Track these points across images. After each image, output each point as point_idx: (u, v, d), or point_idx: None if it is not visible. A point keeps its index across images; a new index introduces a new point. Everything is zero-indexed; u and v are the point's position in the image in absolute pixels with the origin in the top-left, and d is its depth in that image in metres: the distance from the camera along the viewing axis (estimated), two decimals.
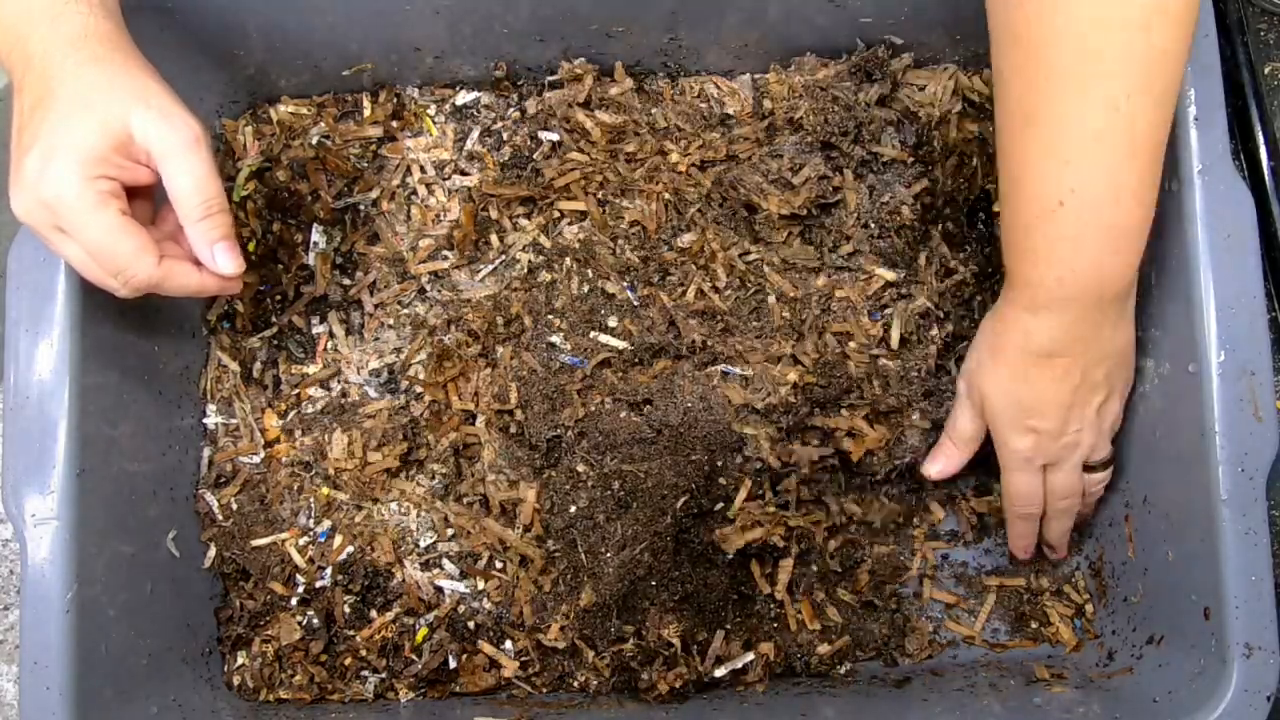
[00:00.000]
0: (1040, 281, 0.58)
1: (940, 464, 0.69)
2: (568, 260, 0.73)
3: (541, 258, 0.74)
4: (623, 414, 0.69)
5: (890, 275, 0.70)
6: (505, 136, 0.76)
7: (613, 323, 0.71)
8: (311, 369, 0.74)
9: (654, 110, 0.75)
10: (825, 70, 0.73)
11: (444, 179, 0.76)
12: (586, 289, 0.73)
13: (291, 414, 0.73)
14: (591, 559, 0.68)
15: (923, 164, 0.72)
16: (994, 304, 0.64)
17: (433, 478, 0.72)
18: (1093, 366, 0.61)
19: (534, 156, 0.75)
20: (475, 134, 0.76)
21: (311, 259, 0.74)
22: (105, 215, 0.54)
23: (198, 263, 0.59)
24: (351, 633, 0.71)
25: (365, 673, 0.71)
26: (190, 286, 0.58)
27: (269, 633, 0.71)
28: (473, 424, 0.72)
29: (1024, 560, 0.73)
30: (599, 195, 0.74)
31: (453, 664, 0.70)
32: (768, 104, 0.74)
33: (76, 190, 0.54)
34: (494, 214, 0.75)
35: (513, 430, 0.71)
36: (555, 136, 0.75)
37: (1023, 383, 0.62)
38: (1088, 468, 0.66)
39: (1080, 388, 0.62)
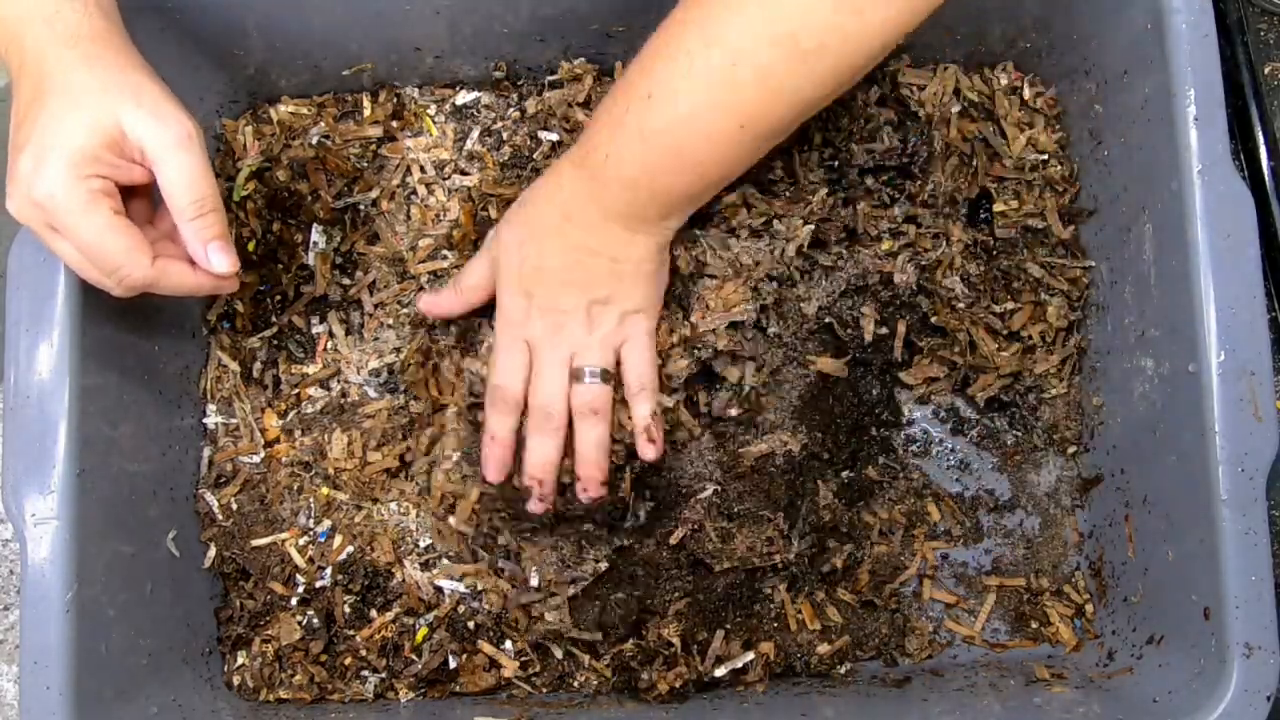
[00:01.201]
0: (596, 146, 0.58)
1: (434, 301, 0.67)
2: None
3: None
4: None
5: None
6: (505, 136, 0.76)
7: None
8: (311, 369, 0.74)
9: None
10: None
11: (444, 179, 0.76)
12: None
13: (291, 414, 0.74)
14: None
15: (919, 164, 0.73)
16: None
17: None
18: (600, 259, 0.61)
19: (534, 156, 0.75)
20: (475, 134, 0.76)
21: (311, 259, 0.74)
22: (97, 215, 0.54)
23: (194, 261, 0.59)
24: (351, 633, 0.71)
25: (365, 673, 0.71)
26: (186, 286, 0.58)
27: (269, 633, 0.71)
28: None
29: (492, 477, 0.65)
30: None
31: (453, 664, 0.70)
32: None
33: (67, 190, 0.53)
34: (494, 214, 0.75)
35: None
36: (555, 136, 0.75)
37: (531, 239, 0.62)
38: (575, 376, 0.63)
39: (583, 268, 0.61)
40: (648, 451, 0.64)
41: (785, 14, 0.52)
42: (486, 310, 0.67)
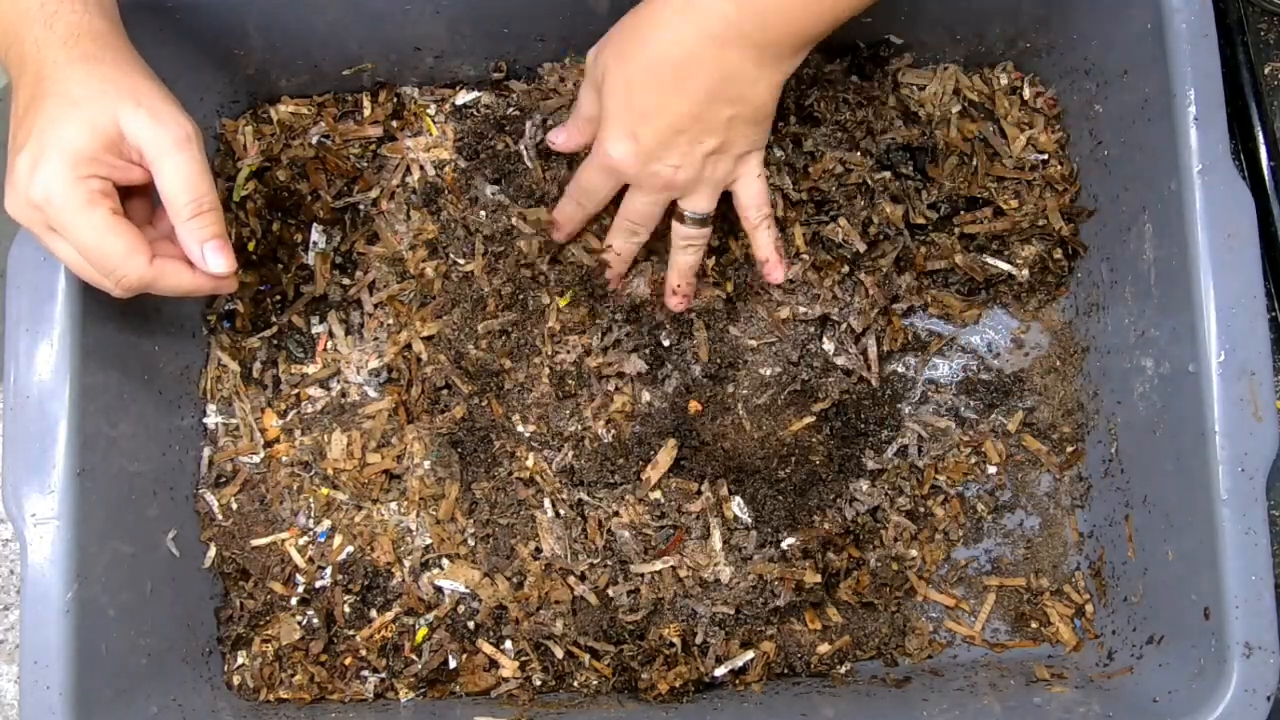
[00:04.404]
0: None
1: (563, 135, 0.67)
2: None
3: None
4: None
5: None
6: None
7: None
8: (311, 369, 0.74)
9: None
10: (831, 66, 0.73)
11: (444, 179, 0.76)
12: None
13: (291, 414, 0.74)
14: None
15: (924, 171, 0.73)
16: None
17: None
18: (721, 104, 0.59)
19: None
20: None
21: (311, 259, 0.74)
22: (95, 215, 0.54)
23: (192, 262, 0.59)
24: (351, 633, 0.71)
25: (365, 673, 0.71)
26: (183, 286, 0.58)
27: (269, 633, 0.71)
28: None
29: (560, 237, 0.68)
30: None
31: (453, 664, 0.70)
32: None
33: (65, 190, 0.53)
34: (450, 212, 0.74)
35: None
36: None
37: (645, 84, 0.59)
38: (678, 216, 0.65)
39: (699, 119, 0.59)
40: (776, 274, 0.68)
41: None
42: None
